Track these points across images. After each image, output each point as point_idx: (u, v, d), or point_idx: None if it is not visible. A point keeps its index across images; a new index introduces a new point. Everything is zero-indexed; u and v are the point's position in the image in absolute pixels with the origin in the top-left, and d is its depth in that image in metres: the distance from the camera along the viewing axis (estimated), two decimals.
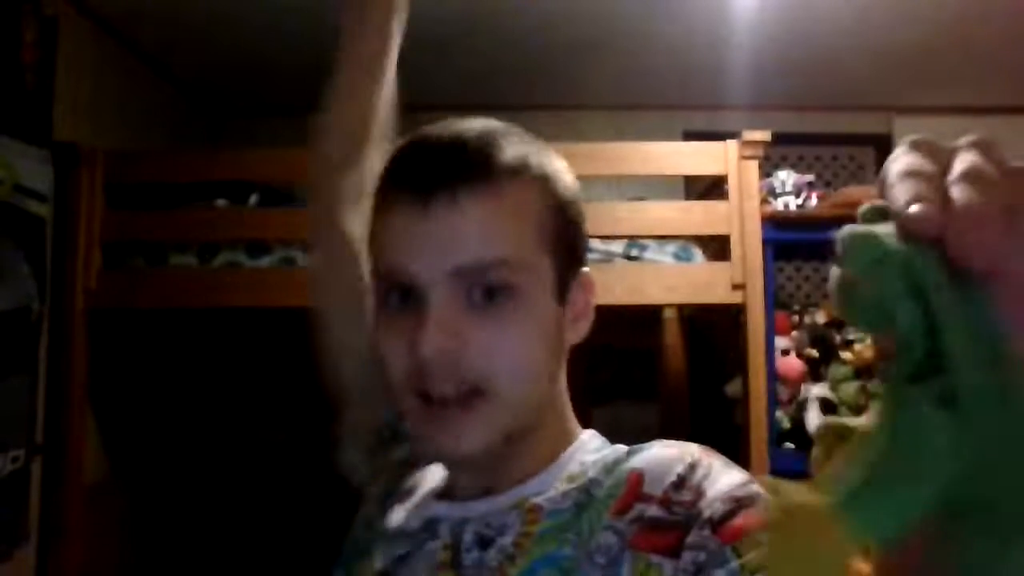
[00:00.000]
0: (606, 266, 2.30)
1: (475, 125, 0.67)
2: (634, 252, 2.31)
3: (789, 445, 2.47)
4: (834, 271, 0.37)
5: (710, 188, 2.56)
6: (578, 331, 0.67)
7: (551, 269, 0.63)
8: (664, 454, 0.63)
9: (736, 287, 2.26)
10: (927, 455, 0.32)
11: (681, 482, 0.59)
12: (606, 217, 2.34)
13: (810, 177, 2.85)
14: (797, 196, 2.75)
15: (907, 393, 0.33)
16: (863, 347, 2.51)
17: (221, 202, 2.43)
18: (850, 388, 2.49)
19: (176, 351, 2.88)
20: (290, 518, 2.80)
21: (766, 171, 2.62)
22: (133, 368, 2.65)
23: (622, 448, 0.67)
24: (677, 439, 0.65)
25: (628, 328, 2.84)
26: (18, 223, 2.15)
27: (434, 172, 0.61)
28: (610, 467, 0.64)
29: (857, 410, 2.48)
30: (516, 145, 0.66)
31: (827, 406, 2.47)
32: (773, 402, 2.46)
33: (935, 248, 0.34)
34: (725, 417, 2.72)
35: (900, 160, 0.37)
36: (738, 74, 2.88)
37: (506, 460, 0.64)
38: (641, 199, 2.59)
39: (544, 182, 0.65)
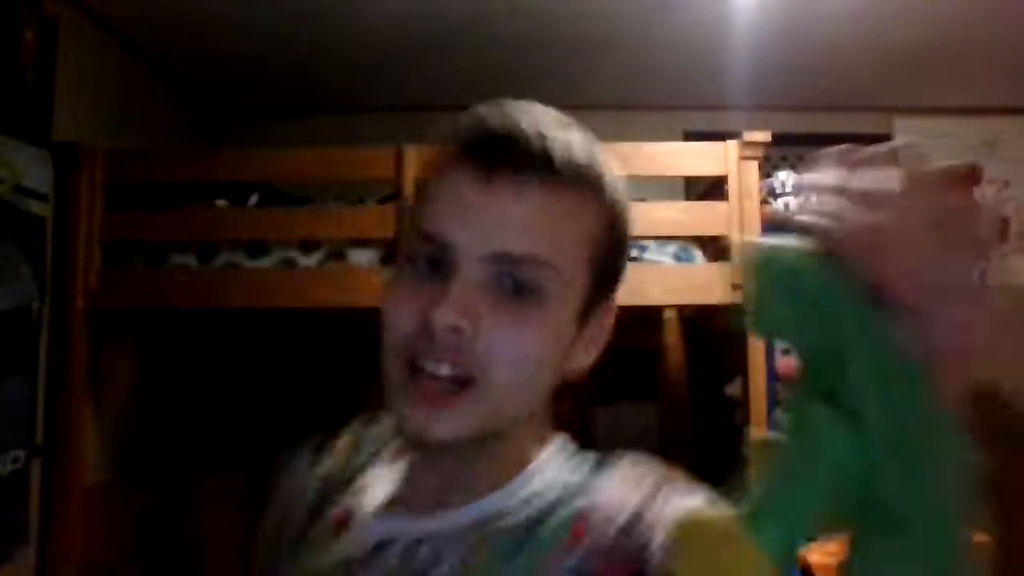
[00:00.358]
0: None
1: (552, 114, 0.63)
2: (634, 253, 2.31)
3: None
4: (745, 287, 0.38)
5: (710, 189, 2.56)
6: (587, 356, 0.66)
7: (584, 287, 0.62)
8: (616, 494, 0.61)
9: (736, 287, 2.26)
10: (823, 466, 0.34)
11: (630, 527, 0.58)
12: None
13: None
14: (797, 196, 2.75)
15: (810, 407, 0.35)
16: None
17: (221, 202, 2.43)
18: None
19: (176, 351, 2.88)
20: None
21: (766, 171, 2.62)
22: (133, 368, 2.65)
23: (583, 470, 0.65)
24: (677, 439, 0.63)
25: (628, 328, 2.83)
26: (18, 223, 2.15)
27: (504, 153, 0.59)
28: (565, 498, 0.62)
29: None
30: (589, 150, 0.63)
31: None
32: (773, 402, 2.45)
33: (842, 264, 0.35)
34: (725, 417, 2.71)
35: (816, 174, 0.39)
36: (738, 74, 2.88)
37: (469, 464, 0.63)
38: (641, 200, 2.59)
39: (605, 198, 0.63)
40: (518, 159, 0.58)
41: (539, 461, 0.65)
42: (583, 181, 0.61)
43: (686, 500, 0.58)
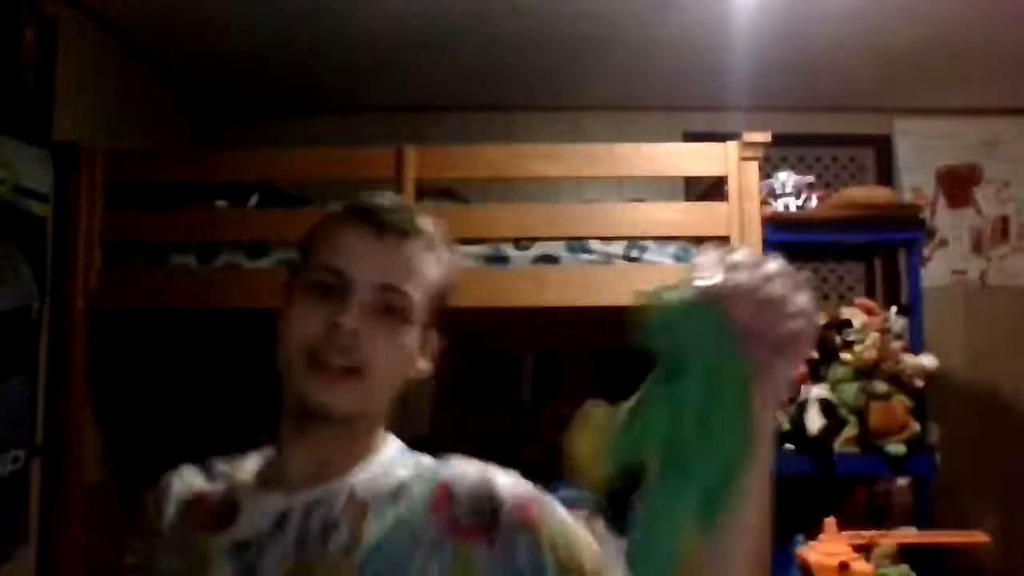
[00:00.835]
0: (606, 267, 2.30)
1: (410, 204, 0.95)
2: (634, 253, 2.31)
3: (789, 446, 2.47)
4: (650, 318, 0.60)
5: (710, 189, 2.56)
6: (426, 366, 0.88)
7: (428, 315, 0.86)
8: (467, 469, 0.83)
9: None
10: (647, 421, 0.58)
11: (482, 491, 0.80)
12: (606, 218, 2.34)
13: (810, 178, 2.85)
14: (797, 197, 2.75)
15: (653, 387, 0.58)
16: (863, 348, 2.51)
17: (221, 202, 2.43)
18: (850, 389, 2.49)
19: (176, 351, 2.88)
20: None
21: (766, 172, 2.62)
22: (133, 368, 2.65)
23: (427, 458, 0.87)
24: None
25: (628, 329, 2.84)
26: (19, 223, 2.15)
27: (393, 215, 0.84)
28: (422, 473, 0.84)
29: (857, 411, 2.48)
30: (440, 233, 0.89)
31: (827, 407, 2.47)
32: None
33: (713, 307, 0.58)
34: None
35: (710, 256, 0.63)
36: (738, 75, 2.87)
37: (342, 441, 0.83)
38: (641, 200, 2.59)
39: (447, 258, 0.89)
40: (400, 219, 0.84)
41: (385, 447, 0.87)
42: (436, 249, 0.87)
43: (509, 479, 0.82)
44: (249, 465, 0.89)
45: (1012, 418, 3.24)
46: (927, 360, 2.53)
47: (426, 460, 0.86)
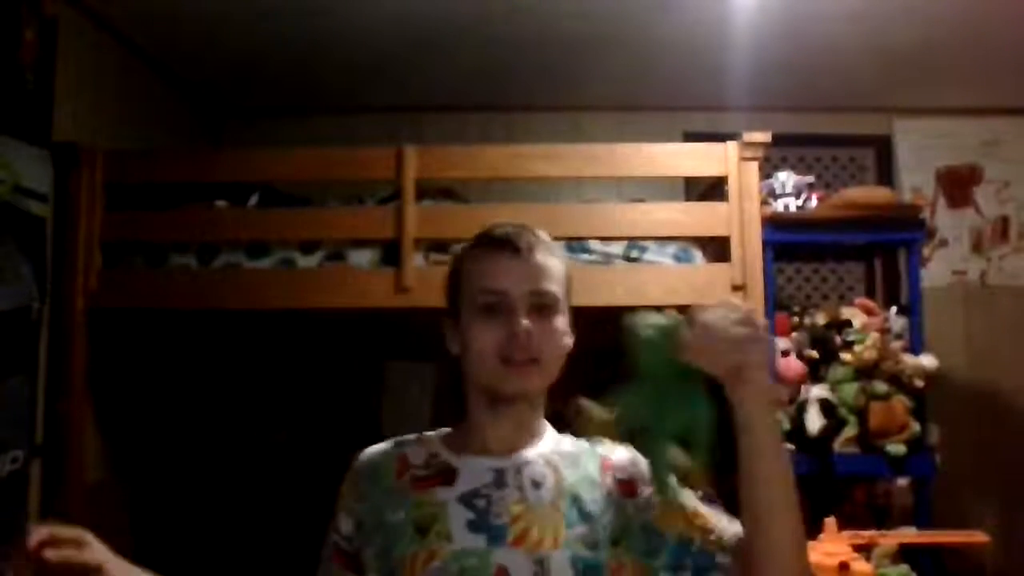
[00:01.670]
0: (606, 267, 2.30)
1: (521, 224, 1.16)
2: (634, 253, 2.31)
3: (789, 446, 2.47)
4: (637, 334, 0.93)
5: (710, 189, 2.56)
6: (569, 344, 1.10)
7: (566, 306, 1.11)
8: (618, 448, 1.12)
9: (736, 288, 2.26)
10: (637, 408, 0.96)
11: (627, 460, 1.09)
12: (606, 218, 2.34)
13: (810, 178, 2.85)
14: (797, 197, 2.75)
15: (632, 385, 0.94)
16: (863, 348, 2.51)
17: (221, 202, 2.42)
18: (850, 389, 2.49)
19: (176, 351, 2.88)
20: (290, 518, 2.80)
21: (766, 172, 2.62)
22: (133, 368, 2.65)
23: (566, 437, 1.13)
24: None
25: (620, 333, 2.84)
26: (19, 223, 2.15)
27: (520, 236, 1.10)
28: (584, 446, 1.11)
29: (857, 411, 2.48)
30: (552, 239, 1.16)
31: (827, 407, 2.47)
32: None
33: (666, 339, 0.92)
34: (725, 417, 2.71)
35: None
36: (738, 75, 2.87)
37: (529, 414, 1.09)
38: (641, 200, 2.59)
39: (565, 260, 1.15)
40: (528, 242, 1.10)
41: (548, 426, 1.13)
42: (554, 249, 1.13)
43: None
44: (432, 440, 1.11)
45: (1012, 418, 3.24)
46: (927, 360, 2.53)
47: (567, 436, 1.14)
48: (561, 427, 1.15)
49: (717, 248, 2.35)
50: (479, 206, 2.52)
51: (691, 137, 3.20)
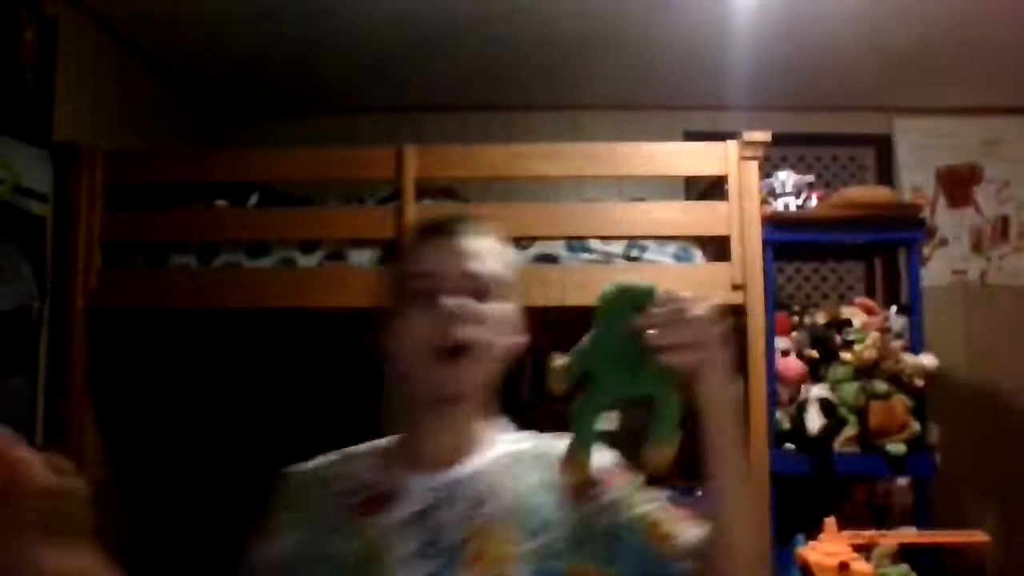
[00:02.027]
0: (606, 267, 2.30)
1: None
2: (634, 253, 2.31)
3: (789, 446, 2.47)
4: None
5: (710, 188, 2.56)
6: (516, 342, 1.02)
7: (508, 297, 1.01)
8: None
9: (736, 288, 2.26)
10: (586, 356, 0.87)
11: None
12: (606, 217, 2.34)
13: (810, 178, 2.85)
14: (797, 196, 2.75)
15: (587, 339, 0.88)
16: (863, 348, 2.51)
17: (221, 202, 2.42)
18: (850, 389, 2.49)
19: (176, 351, 2.88)
20: None
21: (766, 171, 2.62)
22: (133, 368, 2.65)
23: (526, 433, 1.06)
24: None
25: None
26: (19, 223, 2.15)
27: (455, 220, 1.02)
28: (538, 447, 1.02)
29: (857, 410, 2.48)
30: (494, 228, 1.06)
31: (827, 407, 2.47)
32: (773, 403, 2.45)
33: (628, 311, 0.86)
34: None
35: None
36: (738, 74, 2.87)
37: (470, 417, 1.00)
38: (641, 200, 2.59)
39: (507, 251, 1.06)
40: (464, 225, 1.02)
41: (498, 423, 1.05)
42: (494, 237, 1.04)
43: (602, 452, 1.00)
44: (369, 456, 1.03)
45: (1012, 418, 3.24)
46: (927, 360, 2.53)
47: (530, 435, 1.06)
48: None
49: (717, 247, 2.35)
50: (479, 206, 2.52)
51: (691, 136, 3.20)
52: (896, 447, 2.43)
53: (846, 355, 2.54)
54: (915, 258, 2.72)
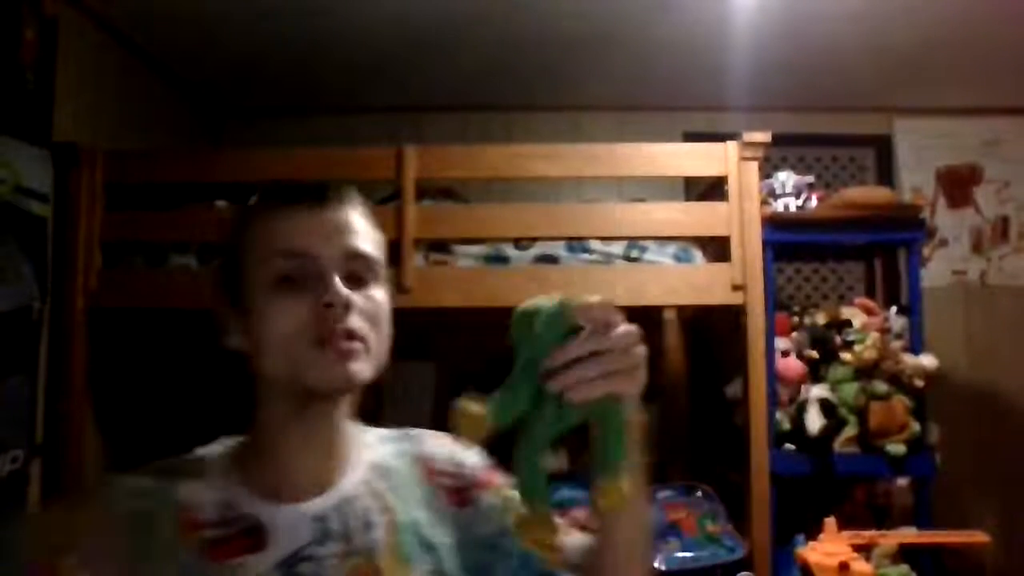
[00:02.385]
0: (606, 267, 2.30)
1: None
2: (634, 253, 2.31)
3: (789, 446, 2.47)
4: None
5: (710, 189, 2.56)
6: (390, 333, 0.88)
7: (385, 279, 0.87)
8: (433, 444, 0.94)
9: (736, 288, 2.26)
10: (509, 399, 0.72)
11: (454, 462, 0.92)
12: (606, 218, 2.34)
13: (810, 178, 2.85)
14: (797, 197, 2.75)
15: (512, 378, 0.73)
16: (863, 348, 2.51)
17: (221, 202, 2.42)
18: (850, 389, 2.49)
19: (176, 351, 2.88)
20: None
21: (766, 172, 2.62)
22: (133, 368, 2.65)
23: (385, 431, 0.94)
24: (677, 439, 0.81)
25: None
26: (20, 223, 2.15)
27: (321, 188, 0.84)
28: (401, 451, 0.92)
29: (857, 411, 2.48)
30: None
31: (827, 407, 2.47)
32: (773, 403, 2.45)
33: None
34: (725, 418, 2.72)
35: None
36: (738, 75, 2.87)
37: (341, 426, 0.86)
38: (641, 200, 2.59)
39: (377, 226, 0.88)
40: (335, 192, 0.84)
41: (357, 429, 0.91)
42: (364, 204, 0.87)
43: (472, 452, 0.94)
44: (216, 475, 0.83)
45: (1012, 418, 3.24)
46: (927, 360, 2.53)
47: (391, 436, 0.94)
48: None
49: (717, 248, 2.35)
50: (479, 206, 2.52)
51: (691, 137, 3.20)
52: (896, 447, 2.43)
53: (846, 355, 2.54)
54: (915, 258, 2.72)
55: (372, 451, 0.90)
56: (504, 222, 2.33)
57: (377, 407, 3.09)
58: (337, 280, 0.79)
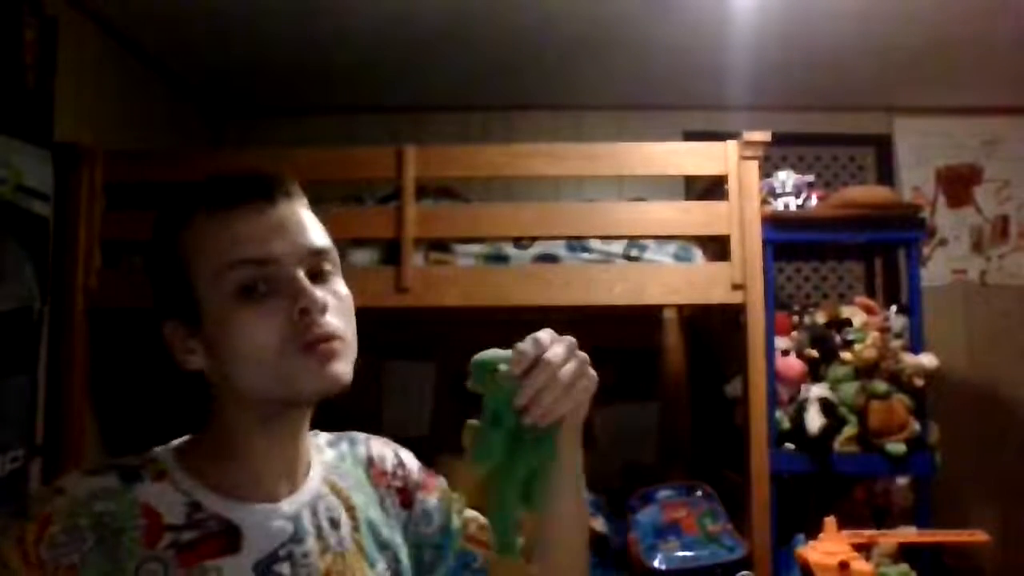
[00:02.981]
0: (606, 266, 2.30)
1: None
2: (634, 252, 2.31)
3: (789, 445, 2.47)
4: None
5: (710, 188, 2.57)
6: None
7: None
8: (377, 445, 0.95)
9: (736, 287, 2.26)
10: (484, 451, 0.76)
11: (397, 463, 0.94)
12: (606, 217, 2.34)
13: (810, 177, 2.85)
14: (797, 196, 2.75)
15: (482, 423, 0.78)
16: (863, 347, 2.51)
17: None
18: (850, 388, 2.49)
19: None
20: None
21: (766, 171, 2.62)
22: (133, 368, 2.65)
23: (325, 434, 0.93)
24: (677, 439, 0.86)
25: (628, 328, 2.84)
26: (21, 223, 2.15)
27: (262, 181, 0.81)
28: (345, 453, 0.92)
29: (857, 410, 2.48)
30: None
31: (827, 406, 2.47)
32: (773, 402, 2.45)
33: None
34: (725, 417, 2.72)
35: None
36: (738, 74, 2.87)
37: (303, 429, 0.85)
38: (641, 199, 2.59)
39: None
40: (276, 183, 0.82)
41: (311, 433, 0.90)
42: (301, 192, 0.84)
43: (411, 455, 0.98)
44: (178, 477, 0.79)
45: (1012, 418, 3.24)
46: (927, 359, 2.53)
47: (333, 440, 0.94)
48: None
49: (717, 247, 2.35)
50: (479, 206, 2.52)
51: (691, 136, 3.20)
52: (896, 447, 2.43)
53: (846, 355, 2.54)
54: (915, 258, 2.72)
55: (323, 453, 0.90)
56: (504, 221, 2.33)
57: (377, 407, 3.10)
58: (307, 283, 0.76)
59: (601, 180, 3.05)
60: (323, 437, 0.93)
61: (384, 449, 0.95)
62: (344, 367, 0.78)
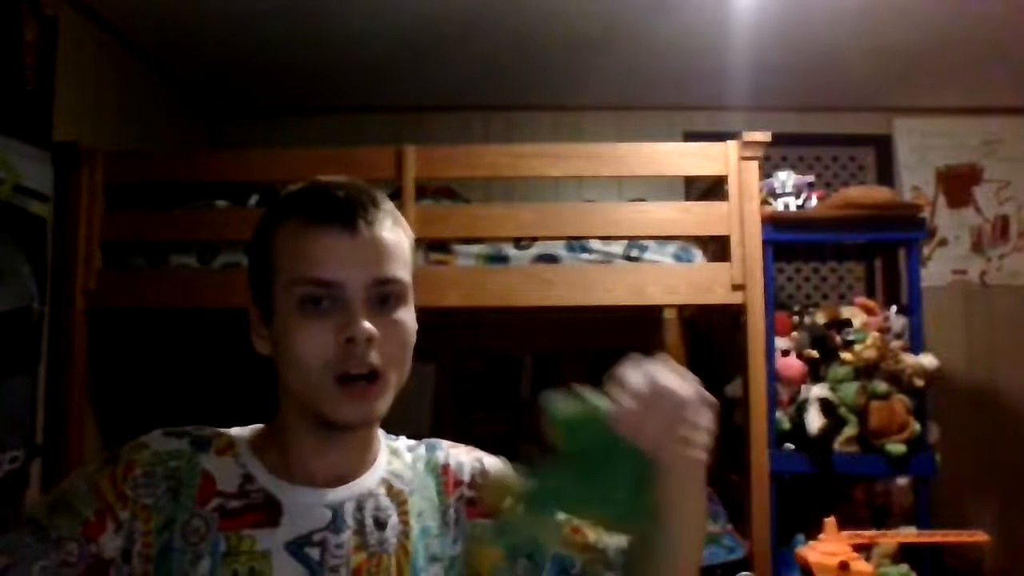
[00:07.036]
0: (606, 266, 2.30)
1: (356, 180, 0.86)
2: (634, 253, 2.31)
3: (789, 446, 2.47)
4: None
5: (710, 189, 2.56)
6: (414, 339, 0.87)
7: (413, 291, 0.85)
8: (458, 453, 0.93)
9: (736, 288, 2.26)
10: (552, 481, 0.72)
11: (477, 472, 0.90)
12: (606, 217, 2.34)
13: (810, 178, 2.85)
14: (797, 197, 2.75)
15: (554, 468, 0.72)
16: (863, 348, 2.51)
17: (221, 202, 2.43)
18: (850, 389, 2.49)
19: (176, 351, 2.88)
20: None
21: (766, 172, 2.62)
22: (133, 368, 2.65)
23: (408, 441, 0.93)
24: None
25: (628, 328, 2.84)
26: (19, 223, 2.15)
27: (354, 203, 0.81)
28: (421, 460, 0.91)
29: (857, 410, 2.48)
30: (386, 198, 0.86)
31: (827, 406, 2.47)
32: (773, 403, 2.45)
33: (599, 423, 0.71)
34: (725, 417, 2.71)
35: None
36: (738, 74, 2.87)
37: (365, 441, 0.86)
38: (641, 200, 2.59)
39: (407, 228, 0.87)
40: (366, 211, 0.81)
41: (380, 436, 0.91)
42: (396, 215, 0.85)
43: (491, 457, 0.93)
44: (240, 451, 0.86)
45: (1012, 418, 3.24)
46: (927, 360, 2.53)
47: (413, 445, 0.93)
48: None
49: (717, 247, 2.35)
50: (479, 206, 2.52)
51: (691, 137, 3.20)
52: (896, 447, 2.43)
53: (846, 355, 2.54)
54: (915, 258, 2.72)
55: (397, 456, 0.90)
56: (504, 222, 2.33)
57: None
58: (360, 314, 0.78)
59: (601, 180, 3.05)
60: (403, 442, 0.93)
61: (464, 457, 0.92)
62: (374, 406, 0.81)
